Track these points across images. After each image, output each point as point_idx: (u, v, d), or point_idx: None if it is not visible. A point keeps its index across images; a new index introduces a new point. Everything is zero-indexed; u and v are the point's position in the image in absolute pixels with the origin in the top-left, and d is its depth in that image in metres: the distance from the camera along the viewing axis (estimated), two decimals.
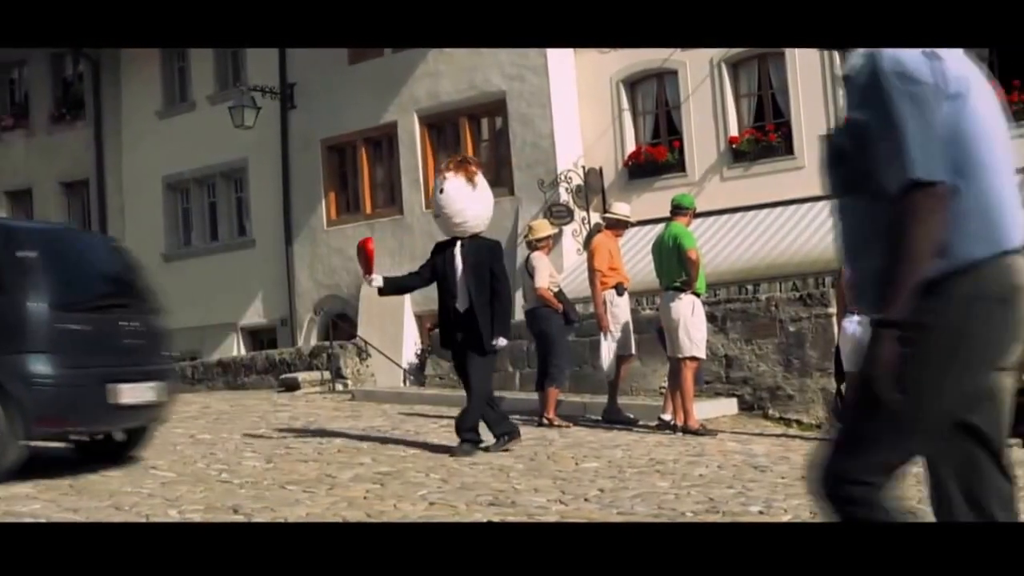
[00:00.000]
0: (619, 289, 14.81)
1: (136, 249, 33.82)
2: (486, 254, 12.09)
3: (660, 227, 25.22)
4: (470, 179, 12.15)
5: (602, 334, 14.79)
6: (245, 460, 11.19)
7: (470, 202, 12.16)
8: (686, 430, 13.62)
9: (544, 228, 15.53)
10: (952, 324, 3.92)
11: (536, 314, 14.90)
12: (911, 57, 4.02)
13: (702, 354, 13.99)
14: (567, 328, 15.02)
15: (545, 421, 14.41)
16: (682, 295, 13.87)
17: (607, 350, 14.78)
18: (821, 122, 24.97)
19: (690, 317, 13.83)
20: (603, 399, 15.40)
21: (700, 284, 14.11)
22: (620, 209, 15.72)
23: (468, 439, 11.78)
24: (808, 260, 22.68)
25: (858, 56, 4.16)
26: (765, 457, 11.74)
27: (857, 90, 4.17)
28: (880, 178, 3.96)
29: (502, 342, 11.96)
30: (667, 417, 14.01)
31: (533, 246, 15.26)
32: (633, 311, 16.05)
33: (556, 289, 14.94)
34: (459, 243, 12.14)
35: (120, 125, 35.22)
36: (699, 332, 13.89)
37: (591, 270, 14.99)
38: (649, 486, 9.86)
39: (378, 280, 12.19)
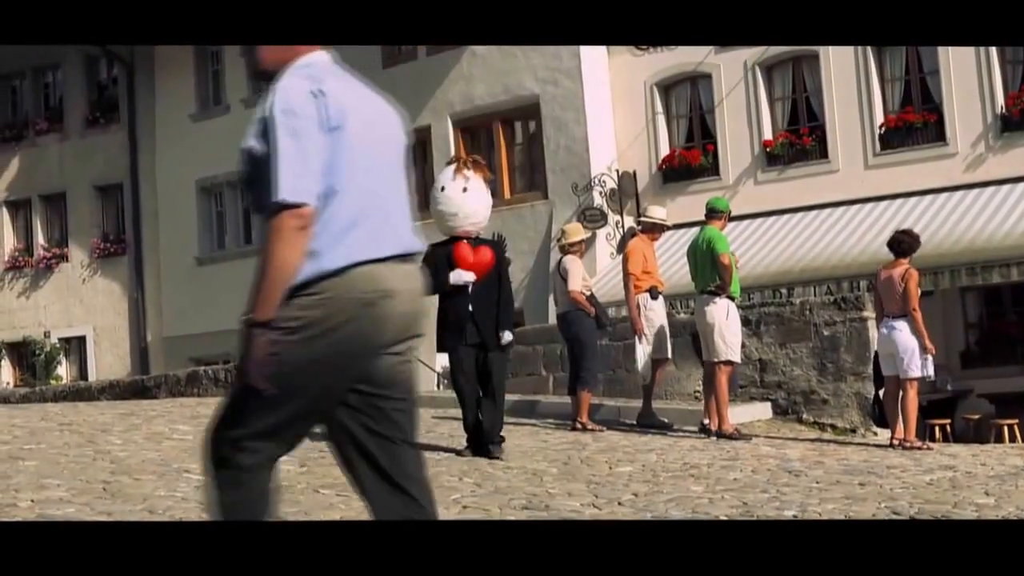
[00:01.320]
0: (653, 293, 14.81)
1: (170, 252, 34.18)
2: (498, 253, 12.12)
3: (695, 231, 25.33)
4: (486, 180, 12.19)
5: (636, 337, 14.78)
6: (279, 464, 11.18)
7: (486, 203, 12.18)
8: (720, 434, 13.60)
9: (577, 232, 15.48)
10: (320, 322, 4.53)
11: (568, 318, 14.88)
12: (297, 95, 4.55)
13: (737, 358, 14.00)
14: (599, 332, 15.00)
15: (578, 425, 14.39)
16: (717, 299, 13.88)
17: (641, 353, 14.77)
18: (856, 125, 24.96)
19: (724, 321, 13.83)
20: (637, 403, 15.37)
21: (735, 288, 14.10)
22: (656, 213, 15.65)
23: (499, 440, 11.80)
24: (843, 264, 22.60)
25: (267, 95, 4.64)
26: (799, 462, 11.70)
27: (257, 123, 4.62)
28: (263, 200, 4.50)
29: (509, 336, 12.00)
30: (707, 422, 14.01)
31: (566, 250, 15.23)
32: (668, 315, 16.01)
33: (588, 293, 14.89)
34: (463, 242, 12.10)
35: (154, 128, 35.35)
36: (734, 336, 13.90)
37: (625, 273, 15.00)
38: (683, 490, 9.83)
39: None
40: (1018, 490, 10.11)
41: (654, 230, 15.45)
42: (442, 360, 27.38)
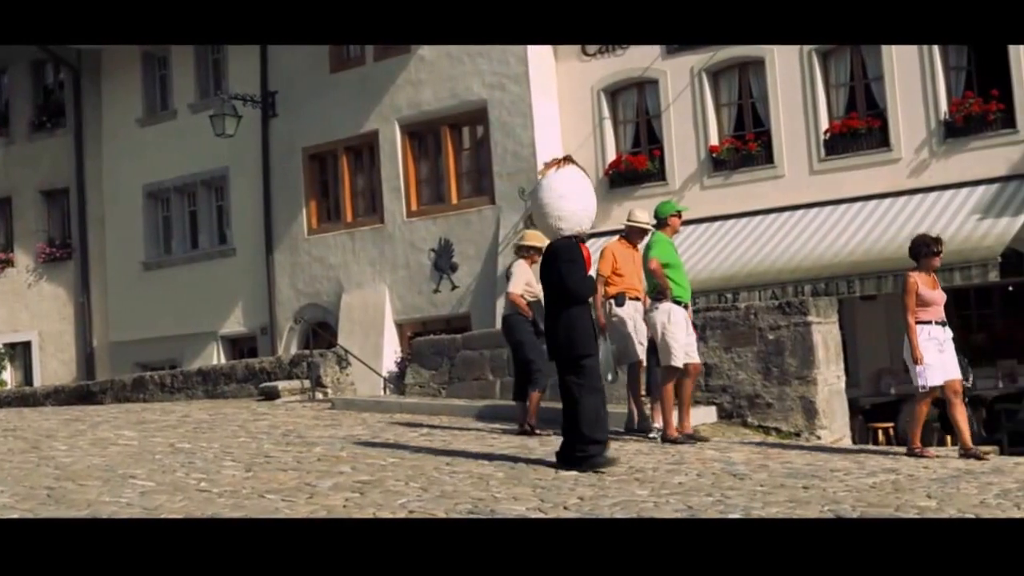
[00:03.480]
0: (618, 299, 14.43)
1: (116, 257, 34.04)
2: None
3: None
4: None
5: (599, 336, 14.59)
6: (224, 469, 11.17)
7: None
8: (664, 438, 13.65)
9: (533, 239, 15.18)
10: None
11: (509, 322, 14.85)
12: None
13: (676, 363, 13.82)
14: (539, 338, 14.79)
15: (527, 427, 14.39)
16: (659, 305, 13.86)
17: (604, 353, 14.52)
18: (801, 130, 25.13)
19: (667, 326, 13.78)
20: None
21: (680, 292, 13.99)
22: (639, 216, 15.14)
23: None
24: (787, 269, 22.74)
25: None
26: (744, 465, 11.76)
27: None
28: None
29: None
30: (658, 425, 14.02)
31: (519, 253, 15.12)
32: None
33: (533, 299, 14.76)
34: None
35: (101, 133, 35.19)
36: (674, 341, 13.79)
37: (596, 273, 14.72)
38: (628, 494, 9.87)
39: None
40: (960, 493, 10.20)
41: (634, 234, 14.89)
42: (388, 365, 27.59)
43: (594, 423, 11.42)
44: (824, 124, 25.15)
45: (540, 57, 27.61)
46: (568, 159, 11.88)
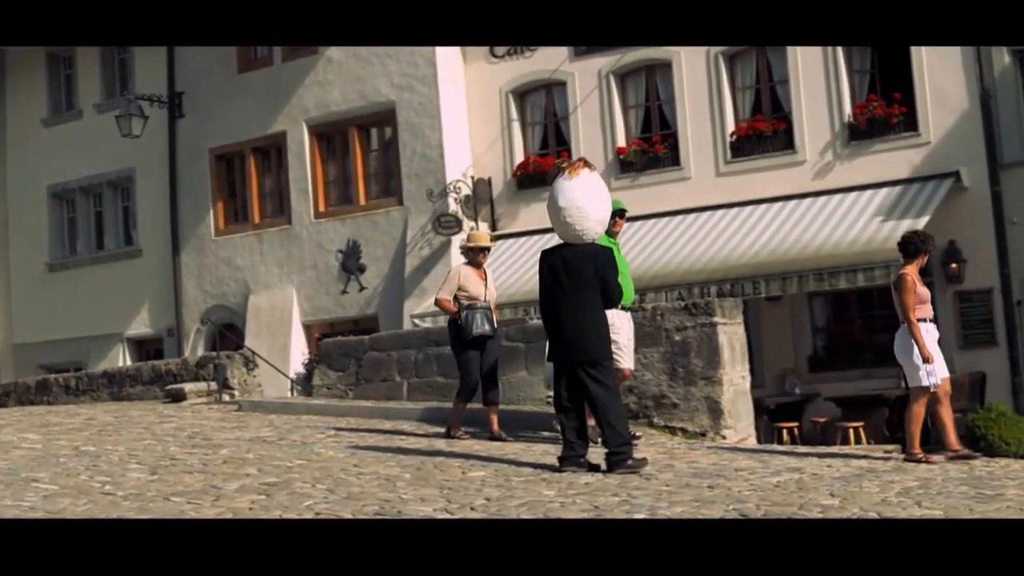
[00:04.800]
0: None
1: (20, 258, 33.64)
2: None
3: (548, 237, 25.44)
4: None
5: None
6: (129, 472, 11.08)
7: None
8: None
9: (475, 239, 14.88)
10: None
11: (448, 326, 14.71)
12: None
13: (619, 364, 13.20)
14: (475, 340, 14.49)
15: (452, 434, 14.20)
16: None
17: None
18: (707, 133, 25.35)
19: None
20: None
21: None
22: None
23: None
24: (693, 270, 22.92)
25: None
26: (650, 465, 11.82)
27: None
28: None
29: None
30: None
31: (468, 255, 14.82)
32: (520, 320, 16.09)
33: (469, 301, 14.26)
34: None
35: (5, 134, 34.80)
36: (614, 343, 12.99)
37: None
38: (535, 495, 9.90)
39: None
40: (862, 491, 10.33)
41: None
42: (295, 367, 27.50)
43: (626, 423, 11.65)
44: (730, 126, 25.37)
45: (448, 59, 27.63)
46: (584, 162, 11.92)
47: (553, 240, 13.15)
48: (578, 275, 11.47)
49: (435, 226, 26.92)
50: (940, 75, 23.41)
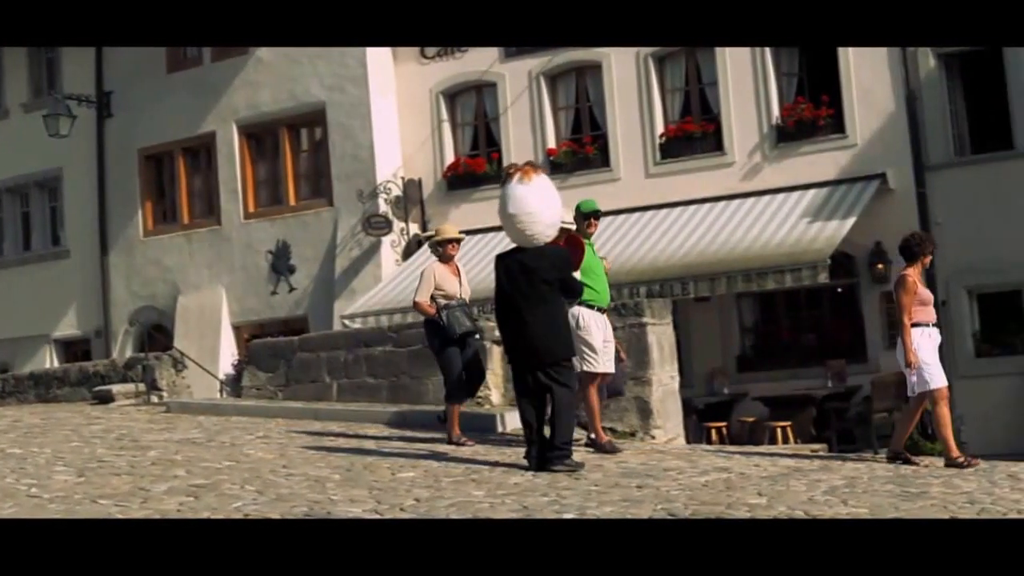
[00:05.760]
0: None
1: None
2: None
3: (479, 238, 25.48)
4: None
5: None
6: (56, 474, 11.01)
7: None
8: (592, 443, 13.28)
9: (450, 232, 14.53)
10: None
11: (425, 328, 14.36)
12: None
13: (593, 368, 13.04)
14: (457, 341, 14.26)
15: (453, 440, 13.76)
16: (574, 308, 12.96)
17: None
18: (637, 134, 25.46)
19: (575, 330, 12.84)
20: (421, 408, 15.29)
21: (591, 296, 13.00)
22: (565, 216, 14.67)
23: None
24: (623, 271, 22.97)
25: None
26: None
27: None
28: None
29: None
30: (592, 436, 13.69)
31: (436, 251, 14.46)
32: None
33: (445, 300, 13.84)
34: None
35: None
36: (585, 346, 12.95)
37: None
38: (465, 495, 9.93)
39: None
40: (789, 490, 10.42)
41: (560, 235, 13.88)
42: (225, 368, 27.35)
43: (573, 424, 11.84)
44: (660, 128, 25.49)
45: (379, 59, 27.59)
46: (532, 165, 11.96)
47: (504, 242, 13.06)
48: (535, 277, 11.56)
49: (365, 227, 26.87)
50: (867, 78, 23.63)
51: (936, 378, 12.41)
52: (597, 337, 13.06)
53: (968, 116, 23.83)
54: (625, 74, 25.61)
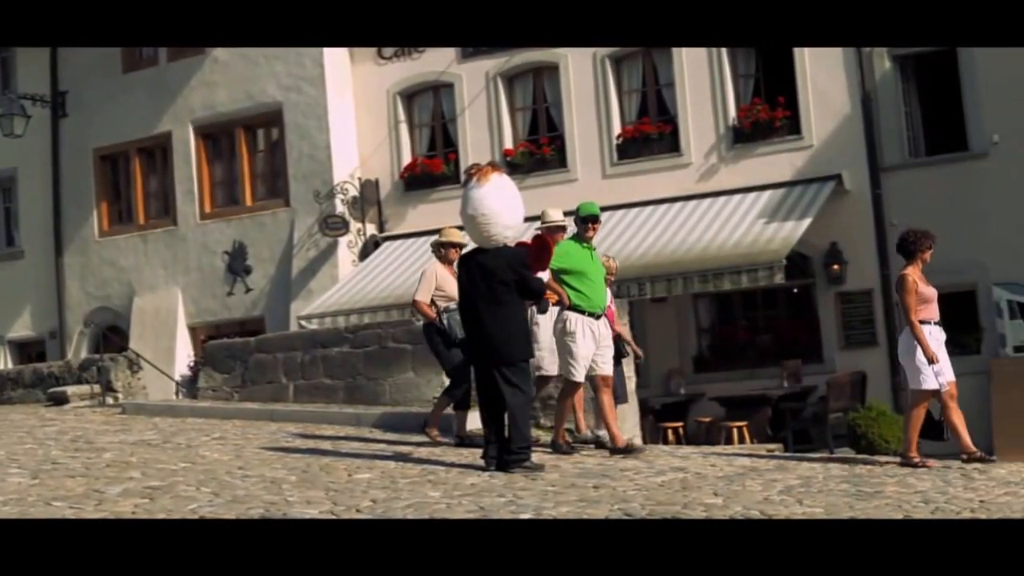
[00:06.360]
0: (541, 306, 13.32)
1: None
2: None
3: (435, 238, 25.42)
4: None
5: None
6: (10, 476, 10.94)
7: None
8: (554, 445, 13.22)
9: (454, 235, 14.26)
10: None
11: (424, 332, 14.25)
12: None
13: (573, 377, 12.85)
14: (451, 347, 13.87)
15: (460, 438, 13.77)
16: (562, 312, 12.84)
17: None
18: (594, 135, 25.49)
19: (560, 337, 12.86)
20: (378, 410, 15.30)
21: (580, 300, 12.79)
22: (552, 215, 14.29)
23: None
24: None
25: None
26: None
27: None
28: None
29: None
30: (589, 434, 13.66)
31: (438, 252, 14.36)
32: (407, 321, 16.06)
33: (445, 302, 13.69)
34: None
35: None
36: (568, 353, 12.79)
37: None
38: (421, 496, 9.92)
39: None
40: (745, 490, 10.46)
41: (553, 234, 13.87)
42: (181, 369, 27.25)
43: (529, 426, 11.89)
44: (616, 129, 25.54)
45: (336, 60, 27.53)
46: (494, 166, 11.96)
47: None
48: (493, 278, 11.59)
49: (322, 227, 26.81)
50: (822, 79, 23.74)
51: (928, 380, 12.29)
52: (582, 345, 12.76)
53: (923, 118, 24.00)
54: (582, 75, 25.64)
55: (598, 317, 12.92)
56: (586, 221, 13.25)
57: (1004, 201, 22.37)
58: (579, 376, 12.84)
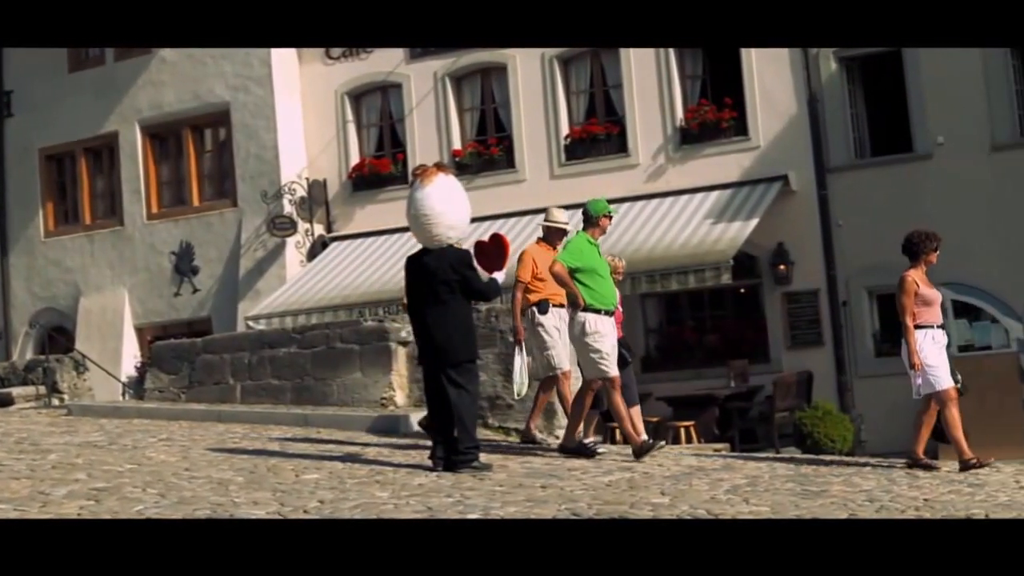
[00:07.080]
0: (541, 307, 13.42)
1: None
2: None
3: (384, 239, 25.48)
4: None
5: (515, 347, 13.62)
6: None
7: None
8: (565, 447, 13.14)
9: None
10: None
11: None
12: None
13: (608, 372, 12.62)
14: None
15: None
16: (578, 314, 12.57)
17: (519, 364, 13.48)
18: (542, 135, 25.53)
19: (579, 339, 12.59)
20: (323, 411, 15.26)
21: (593, 299, 12.54)
22: (556, 216, 14.20)
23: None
24: None
25: None
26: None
27: None
28: None
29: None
30: (588, 440, 13.42)
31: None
32: (355, 321, 16.01)
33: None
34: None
35: None
36: (595, 353, 12.56)
37: (515, 280, 13.71)
38: (369, 496, 9.92)
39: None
40: (692, 489, 10.51)
41: (551, 236, 13.99)
42: (127, 370, 27.12)
43: (475, 427, 11.90)
44: (564, 130, 25.60)
45: (283, 60, 27.48)
46: (439, 167, 11.98)
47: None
48: (435, 278, 11.64)
49: (269, 228, 26.75)
50: (769, 80, 23.87)
51: (942, 380, 12.24)
52: (606, 342, 12.59)
53: (868, 118, 24.15)
54: (530, 76, 25.69)
55: (611, 314, 12.75)
56: (607, 216, 13.13)
57: (948, 202, 22.51)
58: (614, 371, 12.64)
